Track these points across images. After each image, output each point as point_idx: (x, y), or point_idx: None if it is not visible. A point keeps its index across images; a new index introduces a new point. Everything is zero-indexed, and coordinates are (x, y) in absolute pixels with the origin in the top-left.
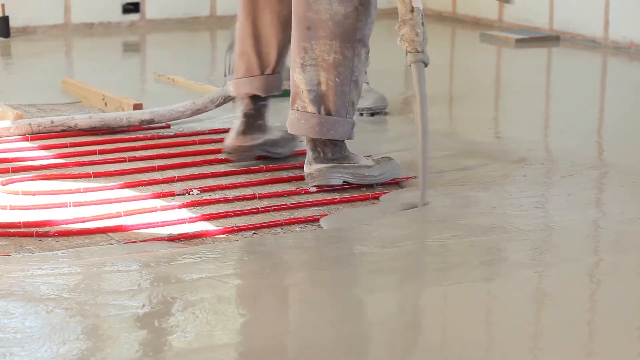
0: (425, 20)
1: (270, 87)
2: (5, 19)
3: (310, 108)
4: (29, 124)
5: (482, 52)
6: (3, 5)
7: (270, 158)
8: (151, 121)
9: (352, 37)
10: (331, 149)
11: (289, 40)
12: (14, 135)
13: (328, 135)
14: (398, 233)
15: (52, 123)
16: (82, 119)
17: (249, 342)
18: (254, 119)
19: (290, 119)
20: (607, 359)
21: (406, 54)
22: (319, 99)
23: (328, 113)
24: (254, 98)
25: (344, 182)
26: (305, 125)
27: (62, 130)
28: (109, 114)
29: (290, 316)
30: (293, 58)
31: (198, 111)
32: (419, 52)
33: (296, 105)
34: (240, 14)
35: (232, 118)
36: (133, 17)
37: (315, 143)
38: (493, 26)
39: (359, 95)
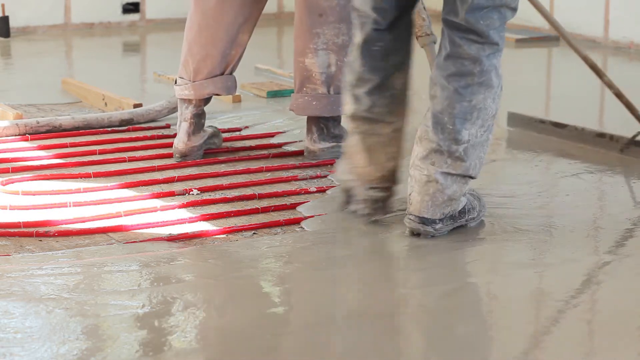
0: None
1: (229, 87)
2: (5, 19)
3: (322, 89)
4: (16, 124)
5: None
6: (3, 5)
7: (266, 157)
8: (130, 121)
9: (349, 19)
10: (333, 124)
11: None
12: (5, 136)
13: (338, 112)
14: (395, 232)
15: (38, 123)
16: (65, 119)
17: (249, 341)
18: (200, 118)
19: (298, 102)
20: (607, 359)
21: (417, 38)
22: (329, 80)
23: (336, 92)
24: (207, 99)
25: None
26: (318, 106)
27: (47, 131)
28: (91, 115)
29: (291, 316)
30: (305, 45)
31: (174, 110)
32: (428, 35)
33: (305, 89)
34: (205, 18)
35: (232, 118)
36: (133, 17)
37: (319, 121)
38: None
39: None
